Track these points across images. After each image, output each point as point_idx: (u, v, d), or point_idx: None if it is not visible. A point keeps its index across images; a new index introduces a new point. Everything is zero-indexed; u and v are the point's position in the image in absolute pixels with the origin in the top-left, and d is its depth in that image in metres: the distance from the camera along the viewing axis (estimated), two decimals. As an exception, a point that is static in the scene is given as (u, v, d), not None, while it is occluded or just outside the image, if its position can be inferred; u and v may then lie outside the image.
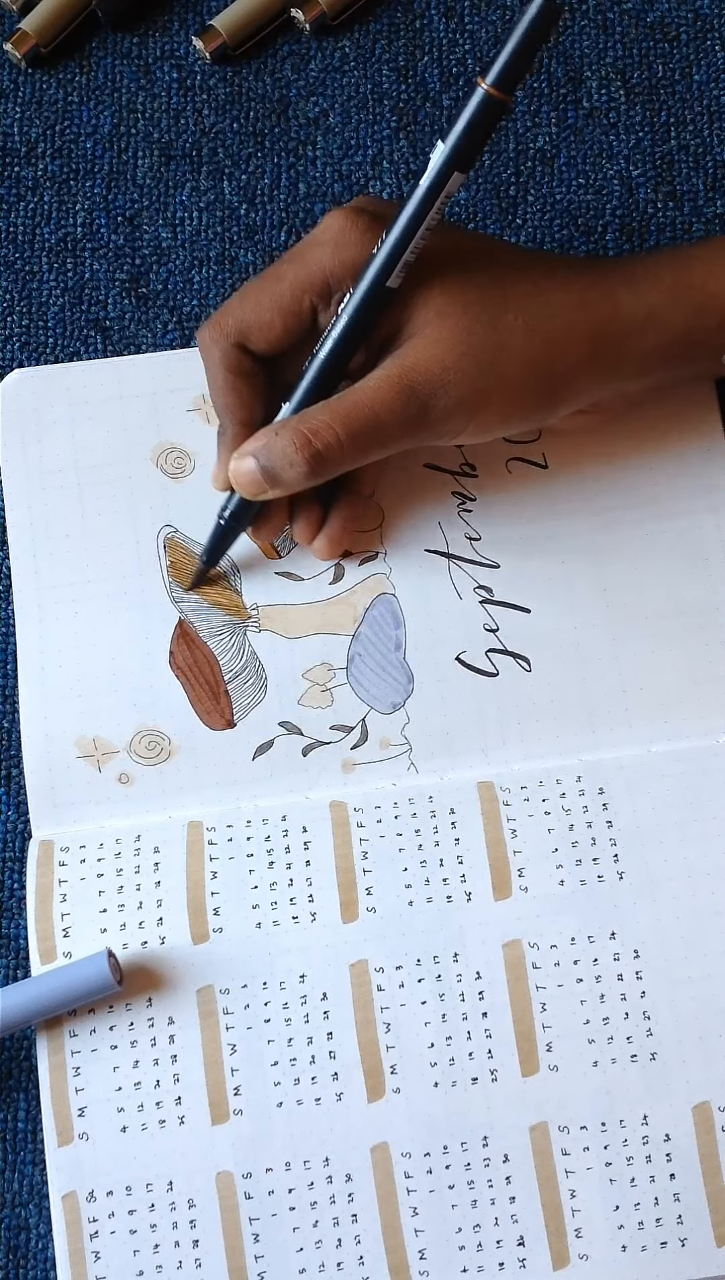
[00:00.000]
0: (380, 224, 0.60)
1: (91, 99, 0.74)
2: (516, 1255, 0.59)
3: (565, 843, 0.63)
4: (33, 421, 0.69)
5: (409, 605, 0.67)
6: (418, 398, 0.60)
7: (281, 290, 0.61)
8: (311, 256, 0.61)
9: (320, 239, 0.61)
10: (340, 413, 0.60)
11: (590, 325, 0.60)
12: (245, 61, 0.75)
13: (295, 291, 0.61)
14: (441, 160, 0.58)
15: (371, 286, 0.60)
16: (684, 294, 0.61)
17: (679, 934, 0.62)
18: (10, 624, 0.68)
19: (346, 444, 0.60)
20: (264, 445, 0.61)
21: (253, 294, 0.62)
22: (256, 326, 0.62)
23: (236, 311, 0.62)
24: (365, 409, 0.60)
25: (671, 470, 0.68)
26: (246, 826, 0.64)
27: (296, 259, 0.62)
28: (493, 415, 0.61)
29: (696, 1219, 0.59)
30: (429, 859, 0.63)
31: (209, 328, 0.63)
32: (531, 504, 0.68)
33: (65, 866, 0.64)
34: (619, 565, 0.67)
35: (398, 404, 0.60)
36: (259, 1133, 0.60)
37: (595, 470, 0.68)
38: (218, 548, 0.66)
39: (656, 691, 0.66)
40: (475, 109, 0.57)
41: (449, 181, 0.58)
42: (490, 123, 0.58)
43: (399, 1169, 0.60)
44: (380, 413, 0.60)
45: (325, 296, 0.61)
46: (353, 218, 0.61)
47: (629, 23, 0.75)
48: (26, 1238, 0.62)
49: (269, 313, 0.62)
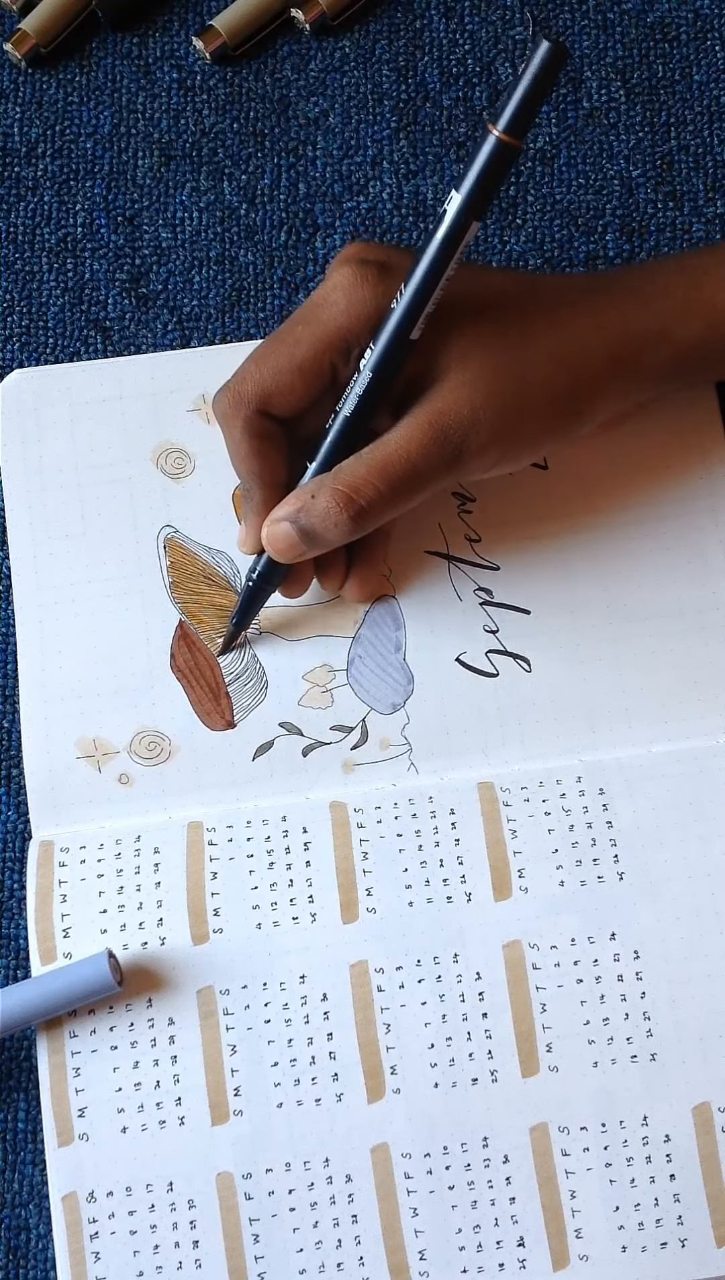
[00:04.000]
0: (389, 274, 0.59)
1: (91, 99, 0.74)
2: (516, 1256, 0.59)
3: (565, 843, 0.63)
4: (33, 421, 0.69)
5: (409, 607, 0.67)
6: (451, 441, 0.59)
7: (300, 353, 0.60)
8: (326, 315, 0.60)
9: (331, 297, 0.60)
10: (377, 465, 0.59)
11: (607, 345, 0.61)
12: (245, 61, 0.75)
13: (315, 353, 0.60)
14: (457, 210, 0.57)
15: (393, 341, 0.59)
16: (695, 309, 0.62)
17: (679, 934, 0.62)
18: (10, 624, 0.68)
19: (388, 496, 0.60)
20: (301, 509, 0.60)
21: (271, 359, 0.61)
22: (278, 392, 0.61)
23: (255, 378, 0.61)
24: (402, 459, 0.59)
25: (672, 471, 0.69)
26: (246, 827, 0.64)
27: (310, 319, 0.60)
28: (523, 444, 0.62)
29: (696, 1219, 0.59)
30: (429, 859, 0.63)
31: (227, 397, 0.61)
32: (531, 505, 0.68)
33: (65, 867, 0.64)
34: (619, 566, 0.67)
35: (433, 449, 0.59)
36: (259, 1133, 0.60)
37: (595, 471, 0.68)
38: (249, 611, 0.66)
39: (656, 691, 0.66)
40: (488, 156, 0.56)
41: (466, 231, 0.57)
42: (503, 168, 0.56)
43: (399, 1169, 0.60)
44: (416, 461, 0.59)
45: (344, 355, 0.60)
46: (361, 271, 0.60)
47: (629, 23, 0.75)
48: (26, 1238, 0.62)
49: (290, 377, 0.60)
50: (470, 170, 0.56)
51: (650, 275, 0.63)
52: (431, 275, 0.58)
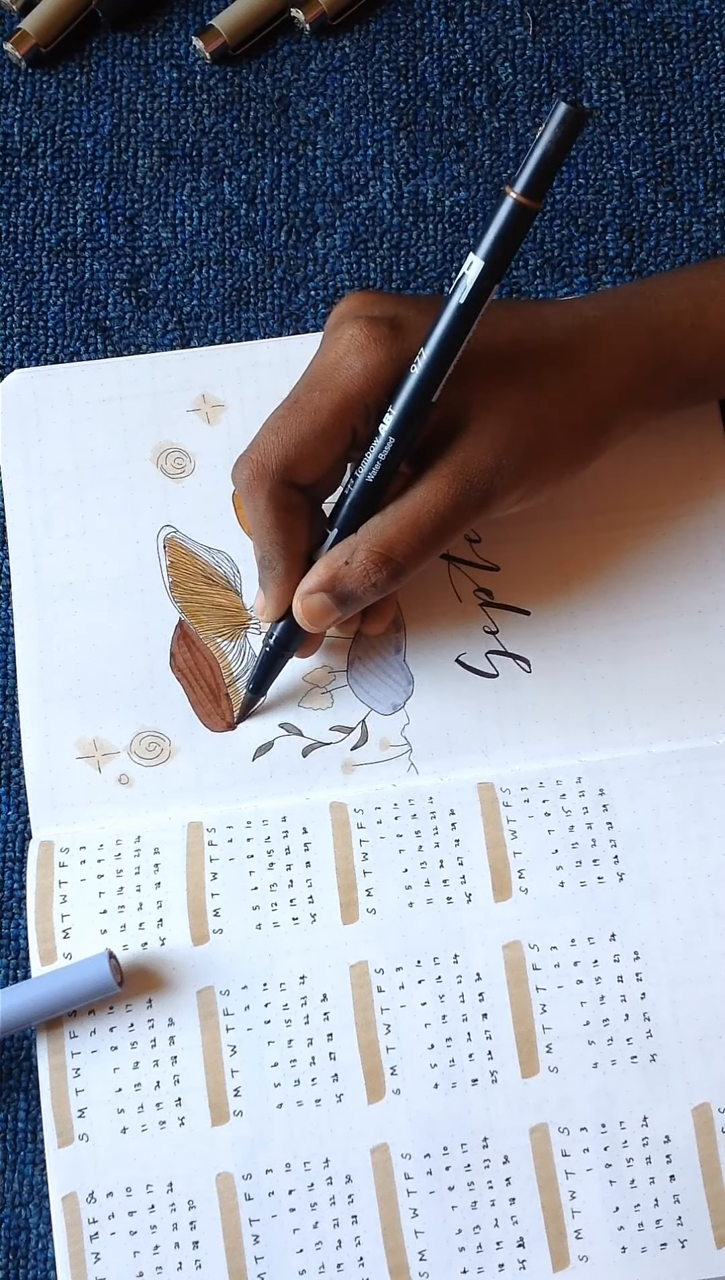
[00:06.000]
0: (401, 331, 0.59)
1: (91, 99, 0.74)
2: (516, 1256, 0.59)
3: (565, 844, 0.63)
4: (33, 421, 0.69)
5: (409, 607, 0.67)
6: (477, 489, 0.59)
7: (322, 421, 0.59)
8: (342, 380, 0.59)
9: (346, 360, 0.59)
10: (407, 522, 0.59)
11: (620, 378, 0.61)
12: (245, 61, 0.75)
13: (337, 420, 0.59)
14: (477, 276, 0.56)
15: (414, 404, 0.58)
16: (703, 336, 0.62)
17: (679, 935, 0.62)
18: (10, 624, 0.68)
19: (420, 550, 0.59)
20: (335, 577, 0.60)
21: (292, 428, 0.59)
22: (301, 460, 0.60)
23: (277, 450, 0.60)
24: (431, 513, 0.59)
25: (671, 471, 0.69)
26: (246, 827, 0.64)
27: (327, 384, 0.59)
28: (547, 481, 0.62)
29: (696, 1220, 0.59)
30: (429, 860, 0.63)
31: (250, 469, 0.60)
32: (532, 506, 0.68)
33: (65, 867, 0.64)
34: (619, 566, 0.67)
35: (460, 499, 0.59)
36: (259, 1134, 0.60)
37: (595, 472, 0.68)
38: (266, 677, 0.65)
39: (656, 691, 0.66)
40: (506, 220, 0.55)
41: (486, 296, 0.56)
42: (522, 230, 0.55)
43: (399, 1170, 0.60)
44: (445, 513, 0.59)
45: (364, 417, 0.60)
46: (371, 329, 0.59)
47: (629, 23, 0.75)
48: (26, 1238, 0.62)
49: (313, 445, 0.59)
50: (488, 233, 0.55)
51: (656, 302, 0.63)
52: (452, 340, 0.57)
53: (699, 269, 0.65)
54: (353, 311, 0.60)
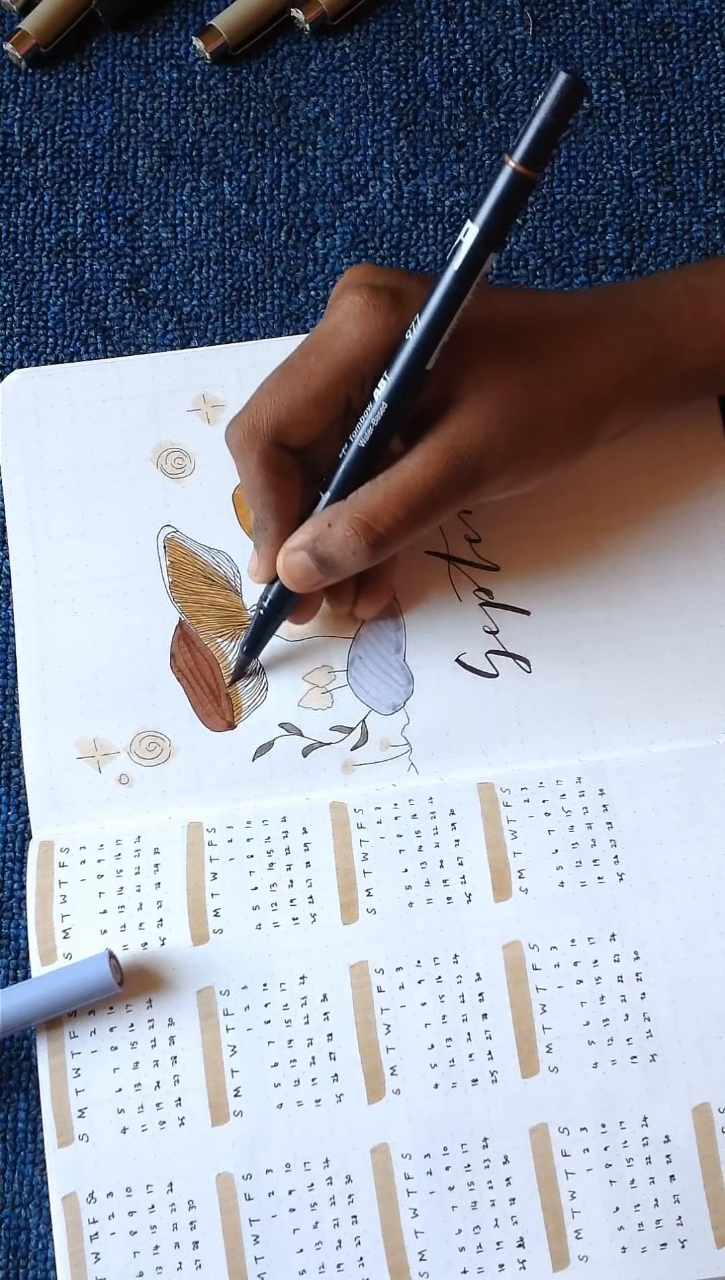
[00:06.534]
0: (401, 301, 0.59)
1: (91, 99, 0.74)
2: (516, 1256, 0.59)
3: (565, 844, 0.63)
4: (33, 421, 0.69)
5: (409, 607, 0.67)
6: (467, 466, 0.59)
7: (316, 385, 0.60)
8: (339, 345, 0.59)
9: (344, 326, 0.59)
10: (395, 493, 0.59)
11: (618, 369, 0.61)
12: (245, 61, 0.75)
13: (330, 385, 0.60)
14: (474, 243, 0.56)
15: (408, 371, 0.59)
16: (703, 331, 0.62)
17: (679, 935, 0.62)
18: (10, 624, 0.68)
19: (405, 522, 0.60)
20: (317, 537, 0.60)
21: (285, 390, 0.60)
22: (293, 424, 0.60)
23: (270, 411, 0.60)
24: (419, 486, 0.59)
25: (671, 471, 0.69)
26: (246, 827, 0.64)
27: (322, 350, 0.60)
28: (537, 467, 0.62)
29: (696, 1220, 0.59)
30: (429, 860, 0.63)
31: (241, 430, 0.61)
32: (532, 506, 0.68)
33: (65, 867, 0.64)
34: (619, 566, 0.67)
35: (449, 475, 0.59)
36: (259, 1134, 0.60)
37: (595, 472, 0.68)
38: (260, 639, 0.66)
39: (656, 691, 0.66)
40: (504, 188, 0.56)
41: (483, 263, 0.57)
42: (520, 200, 0.56)
43: (399, 1170, 0.60)
44: (433, 487, 0.59)
45: (359, 383, 0.60)
46: (372, 298, 0.59)
47: (629, 23, 0.75)
48: (26, 1238, 0.62)
49: (305, 409, 0.60)
50: (486, 201, 0.56)
51: (658, 296, 0.63)
52: (447, 306, 0.57)
53: (702, 266, 0.65)
54: (356, 281, 0.60)
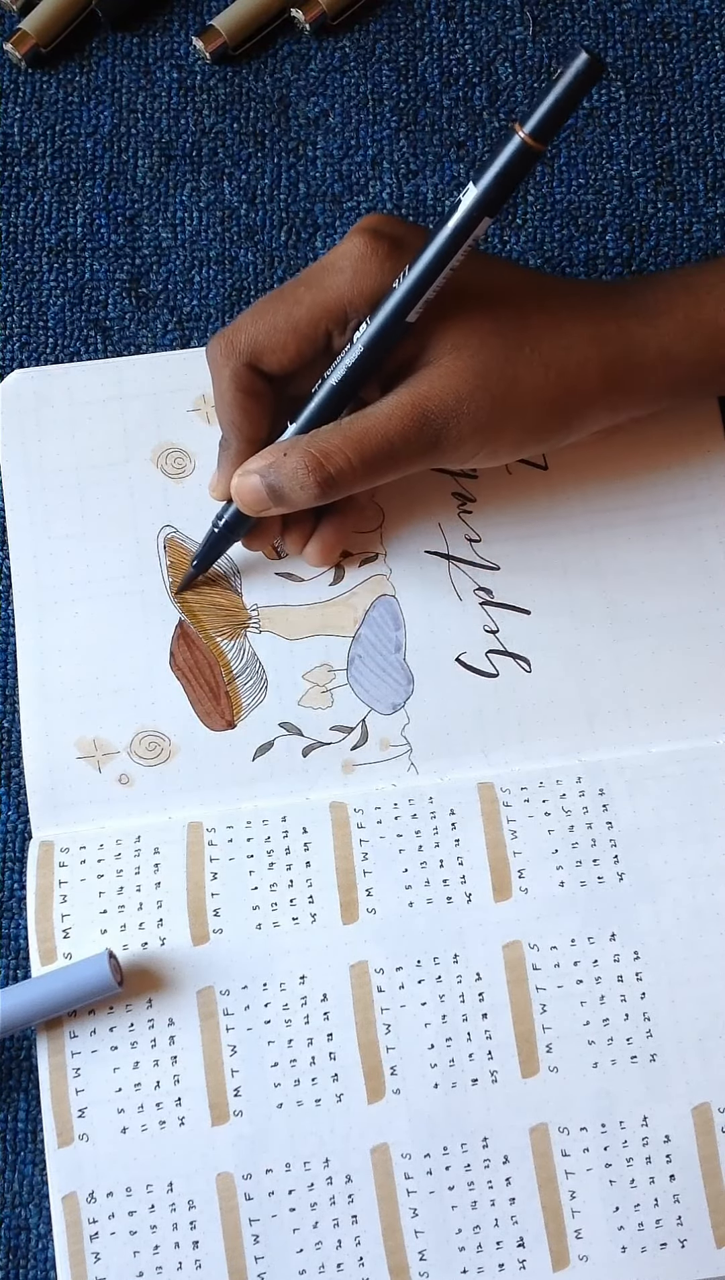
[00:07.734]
0: (400, 251, 0.60)
1: (91, 99, 0.74)
2: (516, 1256, 0.59)
3: (565, 844, 0.63)
4: (33, 421, 0.69)
5: (409, 606, 0.67)
6: (432, 425, 0.59)
7: (298, 314, 0.60)
8: (330, 282, 0.60)
9: (339, 264, 0.60)
10: (353, 437, 0.60)
11: (604, 360, 0.61)
12: (245, 61, 0.75)
13: (312, 317, 0.60)
14: (472, 204, 0.57)
15: (390, 320, 0.59)
16: (697, 329, 0.62)
17: (679, 935, 0.62)
18: (10, 624, 0.68)
19: (358, 468, 0.60)
20: (271, 464, 0.61)
21: (268, 314, 0.61)
22: (270, 348, 0.61)
23: (250, 330, 0.61)
24: (378, 434, 0.59)
25: (672, 471, 0.69)
26: (246, 827, 0.64)
27: (314, 282, 0.60)
28: (505, 443, 0.62)
29: (696, 1220, 0.59)
30: (429, 860, 0.63)
31: (220, 344, 0.62)
32: (531, 505, 0.68)
33: (65, 867, 0.64)
34: (619, 566, 0.67)
35: (412, 430, 0.59)
36: (259, 1134, 0.60)
37: (595, 471, 0.68)
38: (210, 555, 0.66)
39: (656, 691, 0.66)
40: (510, 156, 0.56)
41: (477, 226, 0.57)
42: (523, 170, 0.56)
43: (399, 1170, 0.60)
44: (393, 439, 0.59)
45: (341, 323, 0.61)
46: (373, 244, 0.60)
47: (629, 23, 0.75)
48: (26, 1238, 0.62)
49: (283, 335, 0.61)
50: (490, 166, 0.56)
51: (655, 291, 0.62)
52: (436, 262, 0.58)
53: (700, 265, 0.65)
54: (365, 225, 0.61)
